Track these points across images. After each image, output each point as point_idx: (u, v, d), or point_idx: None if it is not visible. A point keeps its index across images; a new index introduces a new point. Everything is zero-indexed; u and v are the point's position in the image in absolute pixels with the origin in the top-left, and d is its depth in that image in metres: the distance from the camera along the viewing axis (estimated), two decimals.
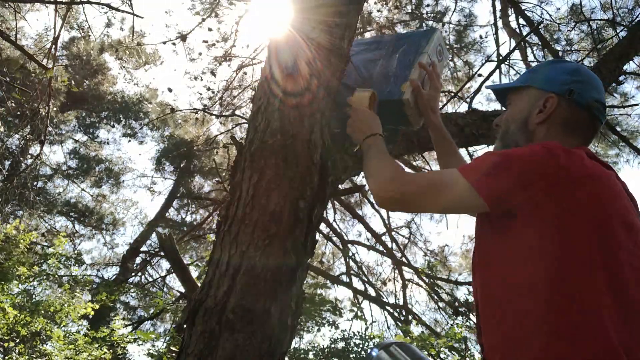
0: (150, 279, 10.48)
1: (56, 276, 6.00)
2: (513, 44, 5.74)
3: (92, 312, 5.70)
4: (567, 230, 0.94)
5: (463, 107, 6.45)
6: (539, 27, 4.97)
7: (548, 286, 0.91)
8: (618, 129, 5.20)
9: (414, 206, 1.19)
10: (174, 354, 4.98)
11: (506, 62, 5.01)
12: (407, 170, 1.23)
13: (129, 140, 12.81)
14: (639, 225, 1.00)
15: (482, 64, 4.62)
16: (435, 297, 7.64)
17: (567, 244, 0.93)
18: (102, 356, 5.11)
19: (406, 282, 7.69)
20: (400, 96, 1.53)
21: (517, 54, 5.60)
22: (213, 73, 7.41)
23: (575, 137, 1.14)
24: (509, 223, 1.00)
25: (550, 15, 5.57)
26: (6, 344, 5.10)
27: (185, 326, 1.31)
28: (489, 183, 1.00)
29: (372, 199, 8.09)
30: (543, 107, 1.15)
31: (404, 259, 7.77)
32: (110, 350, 5.32)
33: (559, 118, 1.14)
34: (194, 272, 5.41)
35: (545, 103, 1.15)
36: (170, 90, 7.71)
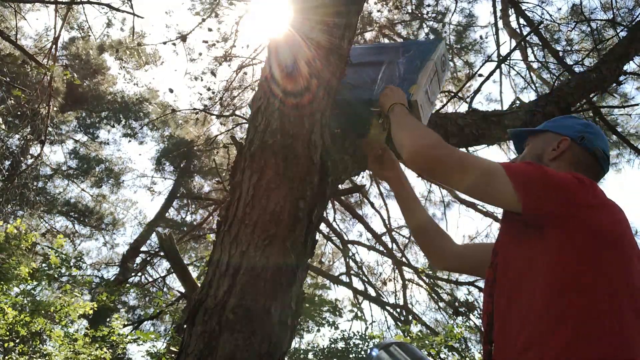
0: (150, 279, 10.47)
1: (56, 276, 6.00)
2: (513, 44, 5.75)
3: (92, 312, 5.70)
4: (592, 252, 1.01)
5: (463, 107, 6.45)
6: (539, 27, 4.97)
7: (579, 316, 0.96)
8: (619, 129, 5.19)
9: (443, 175, 1.20)
10: (173, 355, 4.98)
11: (506, 62, 5.01)
12: None
13: (129, 141, 12.82)
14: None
15: (483, 64, 4.62)
16: (436, 297, 7.64)
17: (595, 269, 1.00)
18: (102, 356, 5.11)
19: (406, 282, 7.68)
20: (409, 98, 1.56)
21: (517, 54, 5.61)
22: (213, 73, 7.41)
23: None
24: (537, 238, 1.06)
25: (550, 16, 5.57)
26: (6, 344, 5.10)
27: (185, 326, 1.31)
28: (527, 190, 1.07)
29: (372, 199, 8.10)
30: (557, 147, 1.28)
31: (404, 259, 7.76)
32: (110, 350, 5.32)
33: (569, 158, 1.27)
34: (194, 272, 5.41)
35: (559, 144, 1.28)
36: (171, 90, 7.72)
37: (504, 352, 1.03)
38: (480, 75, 4.72)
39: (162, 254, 8.37)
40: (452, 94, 4.98)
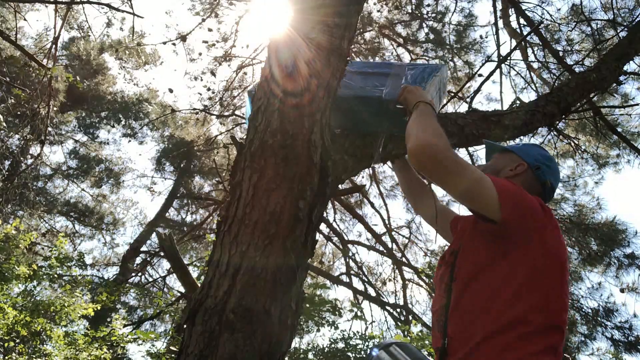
0: (150, 279, 10.48)
1: (55, 275, 5.99)
2: (513, 43, 5.75)
3: (93, 313, 5.69)
4: (542, 269, 1.21)
5: (463, 107, 6.46)
6: (540, 27, 4.97)
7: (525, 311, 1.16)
8: (619, 129, 5.19)
9: (441, 177, 1.29)
10: (173, 355, 4.97)
11: (506, 62, 5.01)
12: None
13: (129, 141, 12.83)
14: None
15: (483, 64, 4.62)
16: None
17: (540, 283, 1.19)
18: (102, 356, 5.11)
19: (406, 282, 7.69)
20: None
21: (517, 54, 5.61)
22: (213, 73, 7.42)
23: None
24: (502, 247, 1.24)
25: (550, 16, 5.57)
26: (6, 344, 5.10)
27: (185, 326, 1.31)
28: (508, 203, 1.21)
29: (372, 199, 8.10)
30: (514, 168, 1.47)
31: (404, 259, 7.76)
32: (110, 350, 5.32)
33: (521, 180, 1.43)
34: (194, 272, 5.41)
35: (517, 166, 1.47)
36: (171, 91, 7.72)
37: (462, 343, 1.18)
38: (480, 75, 4.72)
39: (162, 254, 8.37)
40: (452, 94, 4.97)
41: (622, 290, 5.62)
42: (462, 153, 6.22)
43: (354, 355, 5.55)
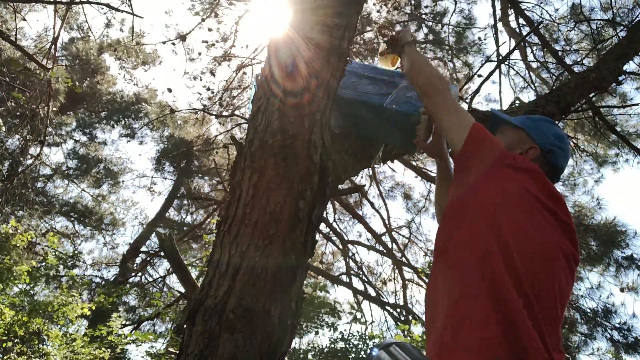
0: (150, 279, 10.47)
1: (52, 275, 5.99)
2: (513, 43, 5.75)
3: (89, 313, 5.69)
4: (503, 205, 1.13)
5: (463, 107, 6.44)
6: (539, 27, 4.97)
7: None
8: (618, 129, 5.20)
9: (436, 104, 1.41)
10: (173, 355, 4.97)
11: (506, 62, 5.01)
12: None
13: (129, 141, 12.82)
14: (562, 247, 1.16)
15: (482, 64, 4.61)
16: None
17: (501, 216, 1.11)
18: (101, 356, 5.10)
19: (406, 282, 7.69)
20: (420, 113, 1.66)
21: (517, 54, 5.61)
22: (212, 73, 7.42)
23: None
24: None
25: (550, 15, 5.57)
26: (4, 344, 5.09)
27: (185, 326, 1.31)
28: (470, 137, 1.25)
29: (372, 199, 8.10)
30: (526, 152, 1.37)
31: (404, 259, 7.77)
32: (109, 350, 5.32)
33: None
34: (194, 272, 5.41)
35: (529, 149, 1.37)
36: (170, 90, 7.73)
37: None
38: (480, 75, 4.73)
39: (162, 254, 8.36)
40: None
41: (622, 290, 5.63)
42: None
43: (354, 355, 5.55)
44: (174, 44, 6.98)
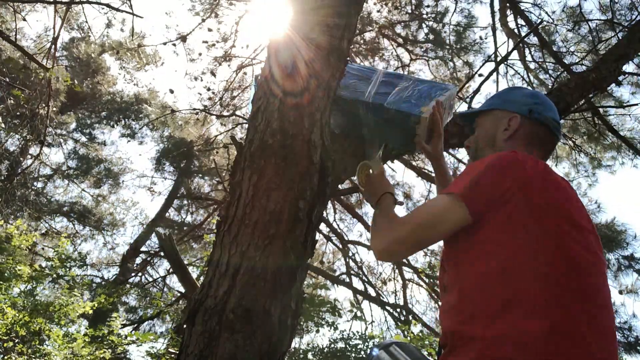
0: (150, 279, 10.46)
1: (54, 275, 5.99)
2: (511, 44, 5.75)
3: (91, 312, 5.69)
4: (532, 228, 1.03)
5: (463, 108, 6.45)
6: (538, 27, 4.97)
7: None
8: (617, 129, 5.20)
9: (412, 250, 1.22)
10: (173, 355, 4.97)
11: (505, 62, 5.01)
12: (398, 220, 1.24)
13: (129, 141, 12.81)
14: (588, 228, 1.09)
15: (482, 64, 4.62)
16: (436, 296, 7.64)
17: (532, 240, 1.02)
18: (102, 356, 5.10)
19: (406, 282, 7.69)
20: (420, 115, 1.65)
21: (516, 54, 5.61)
22: (213, 73, 7.42)
23: (537, 152, 1.27)
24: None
25: (549, 16, 5.57)
26: (5, 344, 5.10)
27: (185, 326, 1.31)
28: (472, 193, 1.08)
29: None
30: (508, 126, 1.30)
31: (404, 259, 7.76)
32: (110, 350, 5.32)
33: (522, 134, 1.28)
34: (194, 272, 5.41)
35: (509, 122, 1.30)
36: (172, 91, 7.72)
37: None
38: (480, 75, 4.73)
39: (162, 254, 8.37)
40: None
41: (620, 292, 5.64)
42: (462, 153, 6.22)
43: (354, 355, 5.55)
44: (174, 44, 6.99)
